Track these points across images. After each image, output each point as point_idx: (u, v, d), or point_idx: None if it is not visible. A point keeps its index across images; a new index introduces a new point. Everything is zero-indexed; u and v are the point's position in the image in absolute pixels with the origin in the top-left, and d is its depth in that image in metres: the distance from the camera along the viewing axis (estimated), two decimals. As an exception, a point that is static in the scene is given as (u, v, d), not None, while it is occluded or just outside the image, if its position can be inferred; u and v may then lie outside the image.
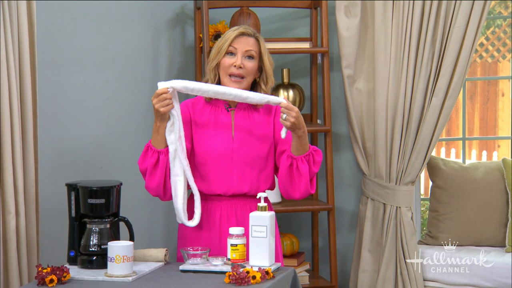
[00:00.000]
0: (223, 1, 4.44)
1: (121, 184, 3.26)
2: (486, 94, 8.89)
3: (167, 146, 3.16)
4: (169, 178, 3.19)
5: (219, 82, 3.25)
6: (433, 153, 4.71)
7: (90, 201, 3.17)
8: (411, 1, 4.35)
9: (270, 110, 3.29)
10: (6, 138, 3.23)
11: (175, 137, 3.15)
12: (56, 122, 3.81)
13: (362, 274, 4.53)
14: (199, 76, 4.48)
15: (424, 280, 4.43)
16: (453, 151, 9.27)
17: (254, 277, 2.88)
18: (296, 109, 3.09)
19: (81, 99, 3.96)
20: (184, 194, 3.20)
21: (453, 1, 4.33)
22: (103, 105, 4.08)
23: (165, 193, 3.21)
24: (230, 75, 3.21)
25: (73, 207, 3.23)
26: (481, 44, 8.54)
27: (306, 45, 4.47)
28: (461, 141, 5.06)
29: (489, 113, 8.79)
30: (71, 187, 3.24)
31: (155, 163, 3.17)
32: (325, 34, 4.44)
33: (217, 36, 4.45)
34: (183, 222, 3.21)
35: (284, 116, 3.08)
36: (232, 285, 2.87)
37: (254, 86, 3.28)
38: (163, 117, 3.13)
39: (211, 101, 3.29)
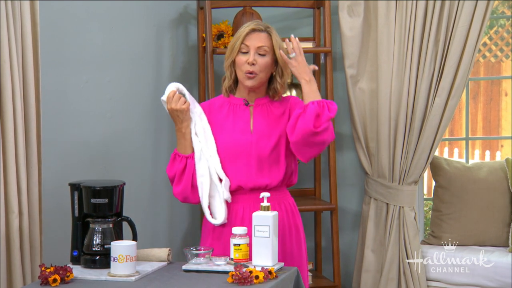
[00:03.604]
0: (226, 1, 4.44)
1: (124, 183, 3.26)
2: (489, 93, 8.89)
3: (193, 151, 3.25)
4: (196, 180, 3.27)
5: (236, 79, 3.31)
6: (436, 153, 4.71)
7: (93, 200, 3.17)
8: (414, 1, 4.34)
9: (287, 103, 3.32)
10: (9, 137, 3.23)
11: (198, 138, 3.23)
12: (59, 121, 3.80)
13: (365, 274, 4.52)
14: (202, 75, 4.48)
15: (427, 280, 4.43)
16: (456, 151, 9.27)
17: (257, 277, 2.88)
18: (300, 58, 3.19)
19: (84, 99, 3.96)
20: (215, 189, 3.25)
21: (456, 1, 4.32)
22: (106, 104, 4.08)
23: (193, 195, 3.27)
24: (245, 72, 3.25)
25: (76, 206, 3.24)
26: (484, 44, 8.53)
27: (309, 45, 4.47)
28: (464, 141, 5.06)
29: (492, 113, 8.79)
30: (74, 187, 3.24)
31: (183, 169, 3.25)
32: (328, 34, 4.44)
33: (220, 36, 4.45)
34: (209, 220, 3.26)
35: (293, 55, 3.18)
36: (235, 285, 2.87)
37: (271, 79, 3.32)
38: (186, 117, 3.21)
39: (229, 97, 3.34)
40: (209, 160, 3.23)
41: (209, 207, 3.27)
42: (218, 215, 3.27)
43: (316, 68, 3.29)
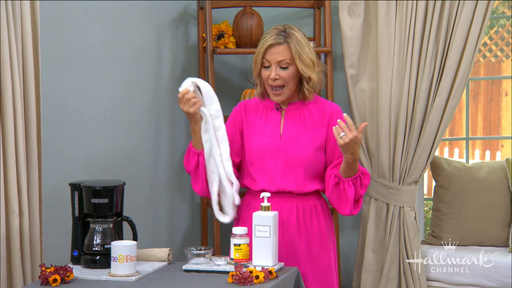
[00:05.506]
0: (226, 1, 4.44)
1: (124, 183, 3.26)
2: (489, 93, 8.90)
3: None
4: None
5: (265, 89, 3.32)
6: (436, 153, 4.71)
7: (94, 200, 3.17)
8: (415, 1, 4.34)
9: (324, 113, 3.31)
10: (9, 137, 3.23)
11: (209, 136, 3.20)
12: (59, 121, 3.81)
13: (365, 274, 4.52)
14: (202, 75, 4.48)
15: (427, 280, 4.43)
16: (456, 150, 9.29)
17: (257, 277, 2.88)
18: (358, 136, 3.09)
19: (85, 99, 3.96)
20: (224, 189, 3.24)
21: (457, 1, 4.32)
22: (107, 104, 4.08)
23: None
24: (270, 87, 3.27)
25: (76, 206, 3.24)
26: (485, 44, 8.54)
27: (309, 45, 4.47)
28: (464, 141, 5.06)
29: (492, 112, 8.80)
30: (75, 187, 3.24)
31: (196, 165, 3.24)
32: (328, 34, 4.44)
33: (220, 36, 4.45)
34: (218, 217, 3.25)
35: (342, 134, 3.08)
36: (235, 285, 2.87)
37: (301, 82, 3.30)
38: (195, 118, 3.19)
39: (265, 99, 3.34)
40: (222, 163, 3.20)
41: (219, 203, 3.27)
42: (228, 213, 3.25)
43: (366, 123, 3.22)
